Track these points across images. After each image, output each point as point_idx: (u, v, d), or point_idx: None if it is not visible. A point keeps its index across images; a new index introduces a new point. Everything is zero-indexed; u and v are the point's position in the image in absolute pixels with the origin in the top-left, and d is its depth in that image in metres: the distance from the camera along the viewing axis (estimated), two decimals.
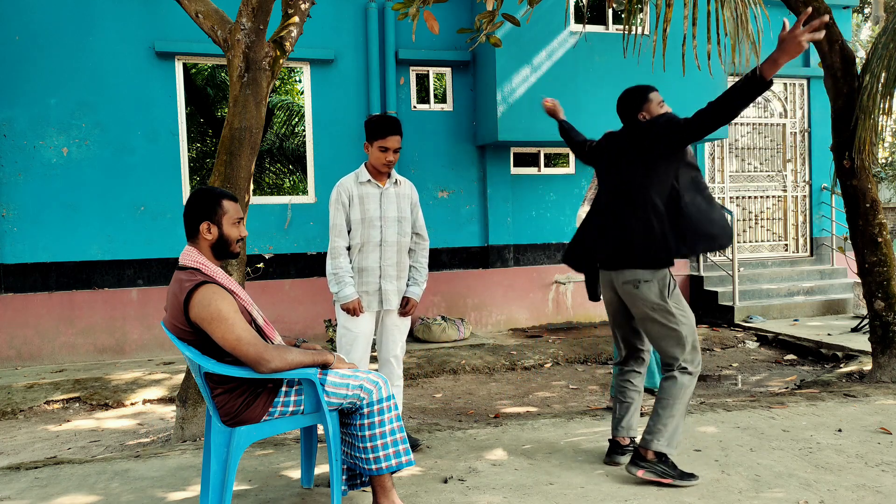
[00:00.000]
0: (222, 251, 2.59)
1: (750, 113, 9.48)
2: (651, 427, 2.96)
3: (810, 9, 2.63)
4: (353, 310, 3.28)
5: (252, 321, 2.57)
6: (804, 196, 9.67)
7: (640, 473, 2.93)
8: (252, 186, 4.29)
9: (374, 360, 3.99)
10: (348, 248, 3.36)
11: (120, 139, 7.18)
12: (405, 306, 3.45)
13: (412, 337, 7.54)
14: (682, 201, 2.87)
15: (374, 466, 2.54)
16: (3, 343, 6.71)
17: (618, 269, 3.01)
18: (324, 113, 7.80)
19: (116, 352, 7.00)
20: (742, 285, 8.40)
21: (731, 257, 8.24)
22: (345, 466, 2.73)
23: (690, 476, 2.96)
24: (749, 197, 9.49)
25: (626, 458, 3.18)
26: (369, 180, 3.36)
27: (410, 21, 3.93)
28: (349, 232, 3.36)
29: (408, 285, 3.48)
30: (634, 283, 2.95)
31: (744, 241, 9.44)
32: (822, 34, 2.51)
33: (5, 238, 6.89)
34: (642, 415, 3.50)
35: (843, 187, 5.00)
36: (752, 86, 2.62)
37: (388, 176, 3.42)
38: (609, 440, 3.28)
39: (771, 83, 2.61)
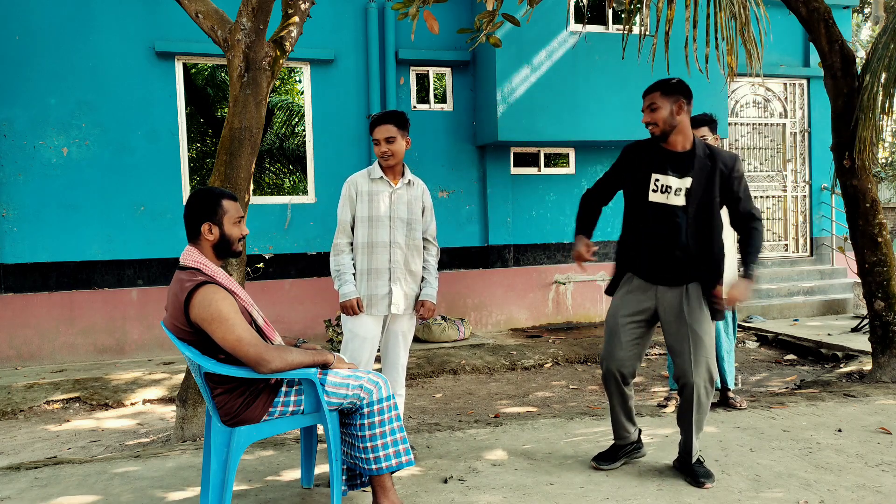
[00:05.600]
0: (224, 251, 2.59)
1: (750, 113, 9.49)
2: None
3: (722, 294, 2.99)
4: (351, 308, 3.22)
5: (252, 321, 2.57)
6: (804, 196, 9.67)
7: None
8: (252, 186, 4.29)
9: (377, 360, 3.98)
10: (351, 245, 3.29)
11: (120, 139, 7.18)
12: (420, 308, 3.36)
13: (412, 337, 7.54)
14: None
15: (374, 466, 2.54)
16: (3, 343, 6.71)
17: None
18: (324, 113, 7.81)
19: (116, 352, 7.00)
20: None
21: None
22: (345, 466, 2.73)
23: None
24: None
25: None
26: (381, 177, 3.28)
27: (410, 21, 3.93)
28: (353, 230, 3.29)
29: (421, 288, 3.40)
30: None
31: None
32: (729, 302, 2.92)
33: (5, 238, 6.88)
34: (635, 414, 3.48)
35: (843, 187, 5.00)
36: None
37: (402, 175, 3.33)
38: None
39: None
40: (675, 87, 2.92)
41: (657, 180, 2.96)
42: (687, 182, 2.93)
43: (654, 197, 2.97)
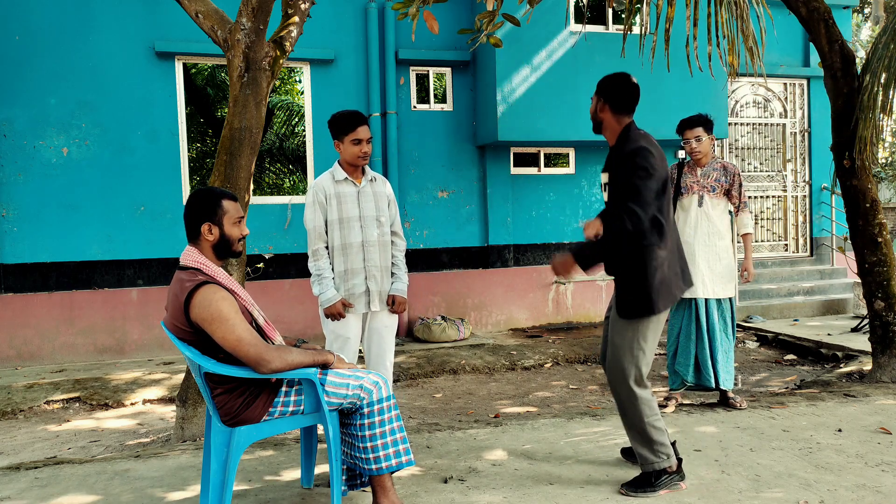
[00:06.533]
0: (224, 251, 2.59)
1: (750, 113, 9.49)
2: None
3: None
4: (338, 314, 3.27)
5: (252, 321, 2.57)
6: (804, 196, 9.67)
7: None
8: (252, 186, 4.29)
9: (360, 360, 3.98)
10: (326, 248, 3.32)
11: (120, 139, 7.18)
12: (393, 304, 3.41)
13: (412, 337, 7.54)
14: None
15: (374, 466, 2.54)
16: (3, 343, 6.71)
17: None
18: (324, 113, 7.79)
19: (116, 352, 7.00)
20: (742, 285, 8.40)
21: None
22: (345, 466, 2.73)
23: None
24: (749, 197, 9.48)
25: None
26: (346, 178, 3.33)
27: (410, 21, 3.93)
28: (326, 233, 3.32)
29: (392, 283, 3.44)
30: None
31: None
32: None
33: (5, 238, 6.88)
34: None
35: (843, 187, 5.00)
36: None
37: (364, 173, 3.38)
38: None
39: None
40: (600, 86, 2.94)
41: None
42: (606, 177, 2.95)
43: None
